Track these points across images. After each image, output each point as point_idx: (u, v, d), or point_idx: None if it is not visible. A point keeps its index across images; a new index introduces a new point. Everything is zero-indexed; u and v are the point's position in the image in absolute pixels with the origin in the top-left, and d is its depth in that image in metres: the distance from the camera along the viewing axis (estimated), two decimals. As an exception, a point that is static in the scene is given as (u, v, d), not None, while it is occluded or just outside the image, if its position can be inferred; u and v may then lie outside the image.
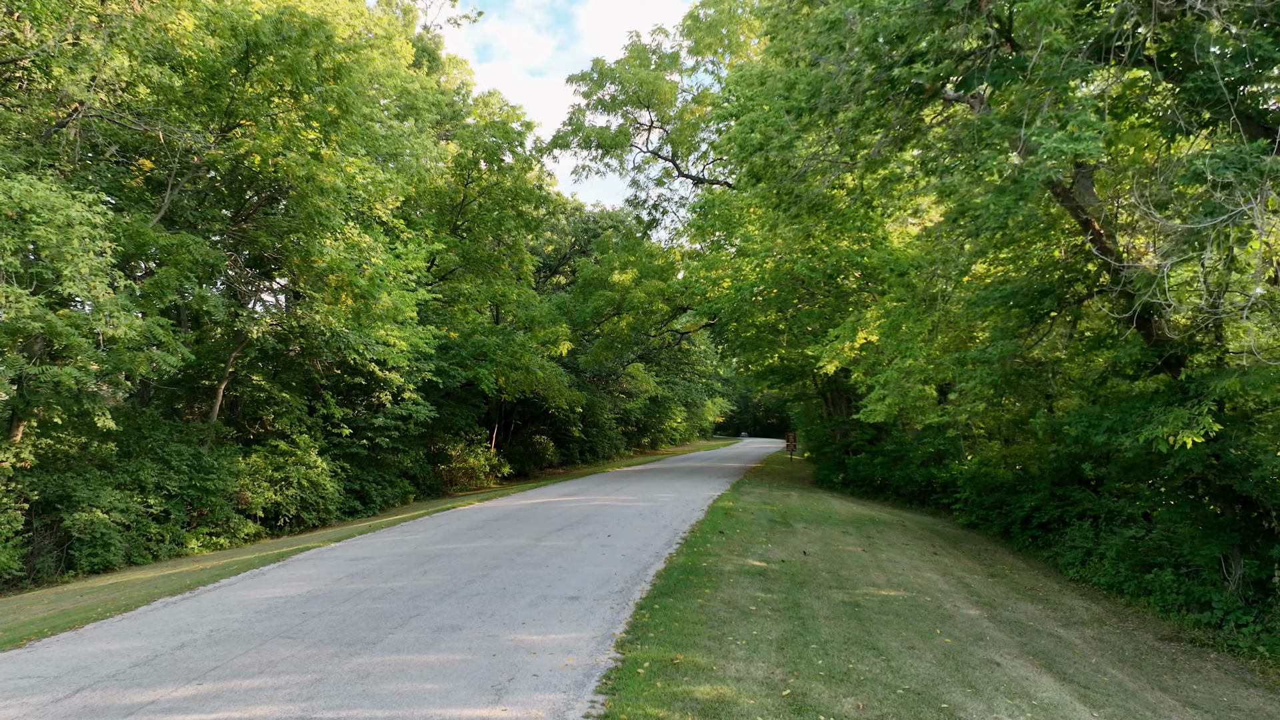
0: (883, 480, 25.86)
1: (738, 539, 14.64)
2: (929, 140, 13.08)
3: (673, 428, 74.61)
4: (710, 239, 26.85)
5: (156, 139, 16.16)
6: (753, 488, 25.57)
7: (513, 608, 9.26)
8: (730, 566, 12.02)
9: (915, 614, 10.42)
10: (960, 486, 21.76)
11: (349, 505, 25.80)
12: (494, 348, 30.72)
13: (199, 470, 19.79)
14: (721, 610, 9.49)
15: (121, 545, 17.07)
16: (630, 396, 56.49)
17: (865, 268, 22.00)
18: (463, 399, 35.45)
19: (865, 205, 15.34)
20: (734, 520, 16.95)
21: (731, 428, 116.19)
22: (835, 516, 19.28)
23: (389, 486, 28.22)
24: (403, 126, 23.27)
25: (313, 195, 15.99)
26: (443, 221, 31.83)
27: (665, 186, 36.25)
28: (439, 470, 34.70)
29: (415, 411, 27.39)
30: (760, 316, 26.49)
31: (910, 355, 14.75)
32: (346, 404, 27.22)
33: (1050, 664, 9.16)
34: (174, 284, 14.87)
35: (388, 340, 21.02)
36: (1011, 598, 12.69)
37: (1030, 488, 18.06)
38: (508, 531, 15.03)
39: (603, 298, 33.18)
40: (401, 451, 29.39)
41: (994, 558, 16.60)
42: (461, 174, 32.06)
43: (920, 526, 19.77)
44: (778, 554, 13.49)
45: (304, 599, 9.85)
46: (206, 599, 10.20)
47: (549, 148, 34.51)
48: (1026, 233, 11.19)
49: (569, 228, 48.49)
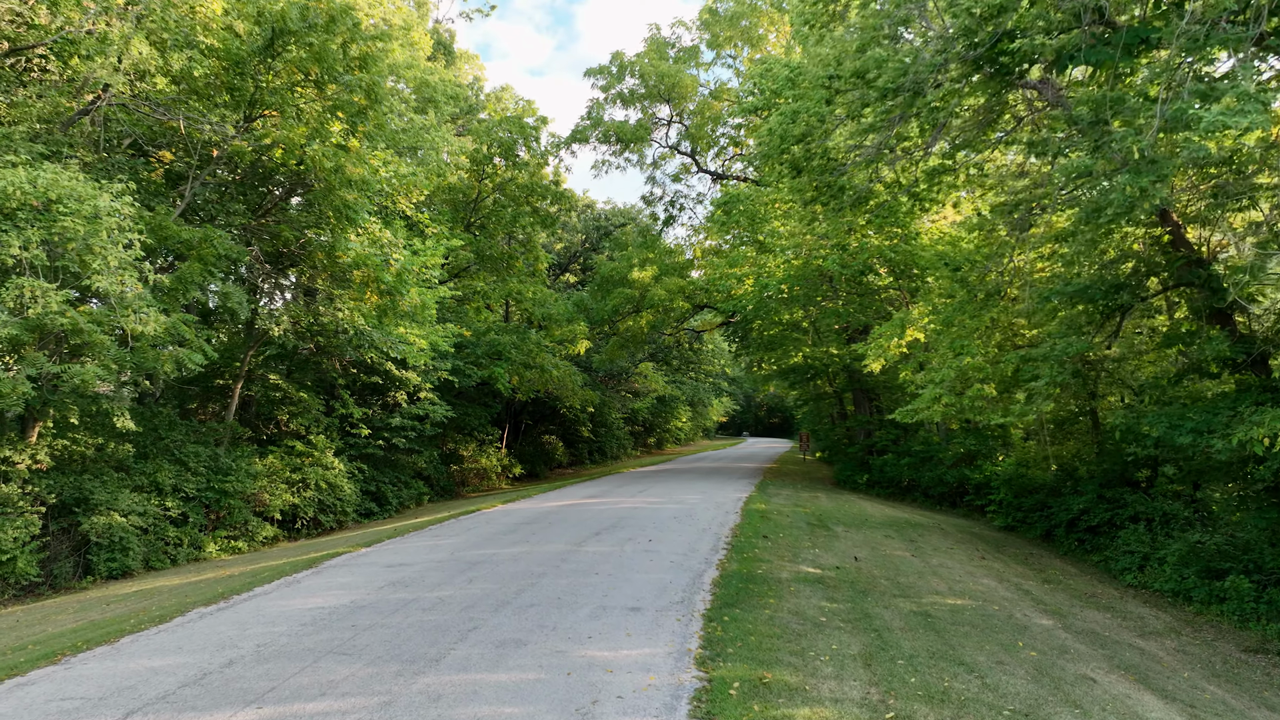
0: (910, 481, 25.34)
1: (783, 543, 14.13)
2: (1038, 120, 12.44)
3: (678, 427, 74.11)
4: (734, 235, 26.32)
5: (176, 130, 15.63)
6: (777, 489, 25.05)
7: (573, 620, 8.74)
8: (786, 574, 11.50)
9: (989, 624, 9.91)
10: (995, 488, 21.25)
11: (365, 507, 25.28)
12: (509, 346, 30.20)
13: (216, 472, 19.27)
14: (792, 622, 8.97)
15: (140, 550, 16.55)
16: (637, 396, 56.00)
17: (897, 264, 21.48)
18: (476, 399, 34.94)
19: (912, 198, 14.82)
20: (772, 524, 16.44)
21: (733, 427, 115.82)
22: (871, 519, 18.78)
23: (404, 488, 27.70)
24: (422, 120, 22.73)
25: (340, 188, 15.45)
26: (456, 218, 31.30)
27: (682, 182, 35.59)
28: (451, 471, 34.18)
29: (432, 411, 26.89)
30: (785, 314, 25.95)
31: (968, 352, 14.22)
32: (362, 404, 26.70)
33: (1145, 679, 8.65)
34: (198, 279, 14.34)
35: (407, 339, 20.48)
36: (1076, 605, 12.18)
37: (1076, 490, 17.55)
38: (543, 536, 14.51)
39: (622, 295, 32.62)
40: (416, 452, 28.89)
41: (1041, 562, 16.09)
42: (476, 170, 31.52)
43: (958, 530, 19.26)
44: (829, 560, 12.97)
45: (349, 610, 9.32)
46: (244, 609, 9.67)
47: (568, 142, 33.97)
48: (1119, 223, 10.67)
49: (580, 225, 47.95)
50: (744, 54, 33.15)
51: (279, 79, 15.25)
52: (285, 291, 21.19)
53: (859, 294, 25.95)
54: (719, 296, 26.61)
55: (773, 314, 25.11)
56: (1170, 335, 12.54)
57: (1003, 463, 21.94)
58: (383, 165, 17.88)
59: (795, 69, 22.21)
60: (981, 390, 13.93)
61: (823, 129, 15.28)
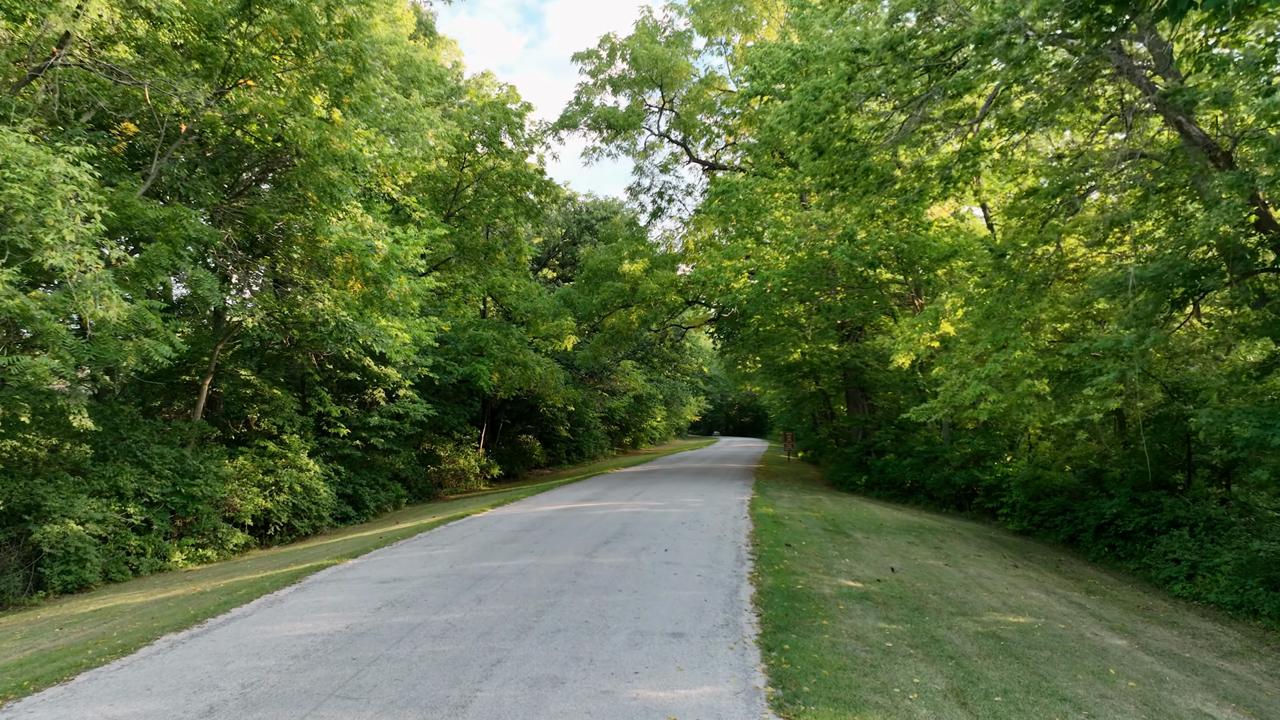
0: (913, 483, 24.41)
1: (809, 552, 13.04)
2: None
3: (653, 427, 72.99)
4: (732, 226, 25.20)
5: (141, 100, 14.20)
6: (776, 491, 24.01)
7: (610, 649, 7.56)
8: (828, 589, 10.40)
9: (1064, 646, 8.88)
10: (1007, 490, 20.37)
11: (341, 511, 23.86)
12: (491, 342, 28.88)
13: (183, 475, 17.81)
14: (859, 649, 7.86)
15: (98, 561, 15.09)
16: (614, 395, 54.83)
17: (908, 256, 20.51)
18: (454, 397, 33.57)
19: (944, 180, 13.80)
20: (788, 530, 15.36)
21: (704, 427, 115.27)
22: (885, 524, 17.78)
23: (382, 490, 26.28)
24: (406, 99, 21.35)
25: (324, 164, 14.10)
26: (437, 208, 29.90)
27: (671, 173, 34.42)
28: (428, 472, 32.77)
29: (412, 410, 25.53)
30: (785, 309, 24.88)
31: (1016, 345, 13.22)
32: (339, 402, 25.26)
33: (1261, 713, 7.66)
34: (165, 263, 12.92)
35: (389, 332, 19.12)
36: (1137, 621, 11.22)
37: (1106, 492, 16.68)
38: (548, 545, 13.29)
39: (611, 289, 31.34)
40: (394, 453, 27.48)
41: (1074, 570, 15.18)
42: (457, 158, 30.17)
43: (974, 534, 18.33)
44: (864, 571, 11.91)
45: (345, 638, 8.06)
46: (221, 636, 8.37)
47: (556, 128, 32.62)
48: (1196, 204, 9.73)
49: (560, 219, 46.63)
50: (735, 41, 32.08)
51: (256, 46, 13.86)
52: (259, 281, 19.69)
53: (860, 289, 24.97)
54: (715, 290, 25.52)
55: (772, 309, 24.05)
56: (1262, 325, 11.52)
57: (1013, 464, 21.06)
58: (367, 144, 16.55)
59: (799, 52, 21.13)
60: (1032, 386, 12.95)
61: (846, 105, 14.22)
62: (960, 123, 12.84)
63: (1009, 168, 14.98)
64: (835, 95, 14.13)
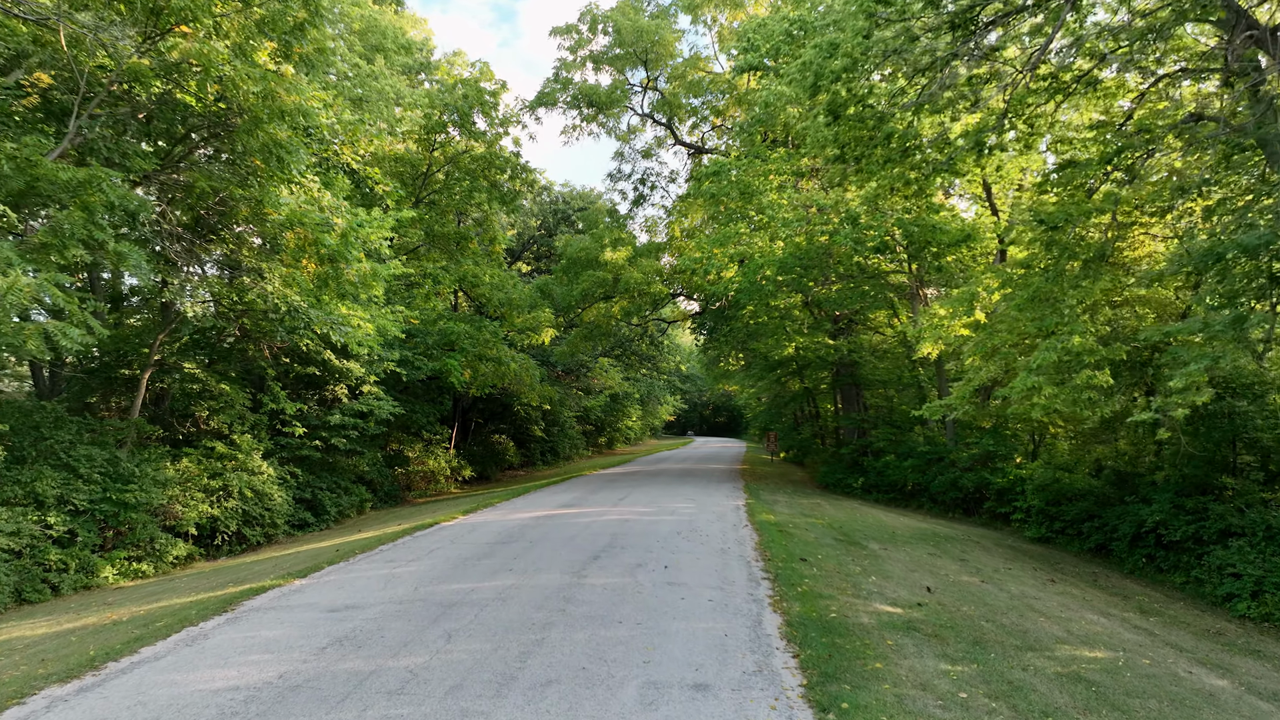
0: (914, 486, 22.88)
1: (829, 569, 11.39)
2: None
3: (629, 426, 71.23)
4: (722, 211, 23.49)
5: (56, 47, 12.27)
6: (770, 494, 22.40)
7: (620, 709, 5.86)
8: (866, 617, 8.75)
9: (1164, 692, 7.31)
10: (1022, 494, 18.90)
11: (299, 518, 21.89)
12: (463, 336, 26.98)
13: (116, 479, 15.83)
14: (931, 705, 6.21)
15: (8, 579, 13.12)
16: (590, 393, 53.04)
17: (918, 240, 18.93)
18: (423, 394, 31.65)
19: (976, 149, 12.21)
20: (797, 541, 13.72)
21: (678, 427, 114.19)
22: (897, 533, 16.22)
23: (344, 495, 24.30)
24: (370, 66, 19.44)
25: (269, 120, 12.23)
26: (406, 193, 27.96)
27: (654, 159, 32.61)
28: (396, 474, 30.80)
29: (376, 408, 23.58)
30: (780, 300, 23.22)
31: (1074, 330, 11.64)
32: (296, 399, 23.29)
33: None
34: (81, 233, 10.98)
35: (350, 321, 17.24)
36: (1218, 651, 9.70)
37: (1142, 497, 15.21)
38: (529, 561, 11.53)
39: (592, 278, 29.46)
40: (358, 454, 25.50)
41: (1113, 584, 13.70)
42: (427, 139, 28.23)
43: (992, 543, 16.83)
44: (899, 592, 10.28)
45: (275, 695, 6.28)
46: (117, 693, 6.54)
47: (532, 106, 30.66)
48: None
49: (536, 209, 44.68)
50: (722, 19, 30.35)
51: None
52: (205, 264, 17.69)
53: (857, 279, 23.39)
54: (704, 280, 23.79)
55: (766, 299, 22.38)
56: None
57: (1027, 466, 19.57)
58: (324, 107, 14.68)
59: (796, 22, 19.54)
60: (1092, 378, 11.39)
61: (866, 62, 12.60)
62: (1006, 68, 11.27)
63: (1052, 130, 13.40)
64: (854, 50, 12.51)
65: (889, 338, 27.42)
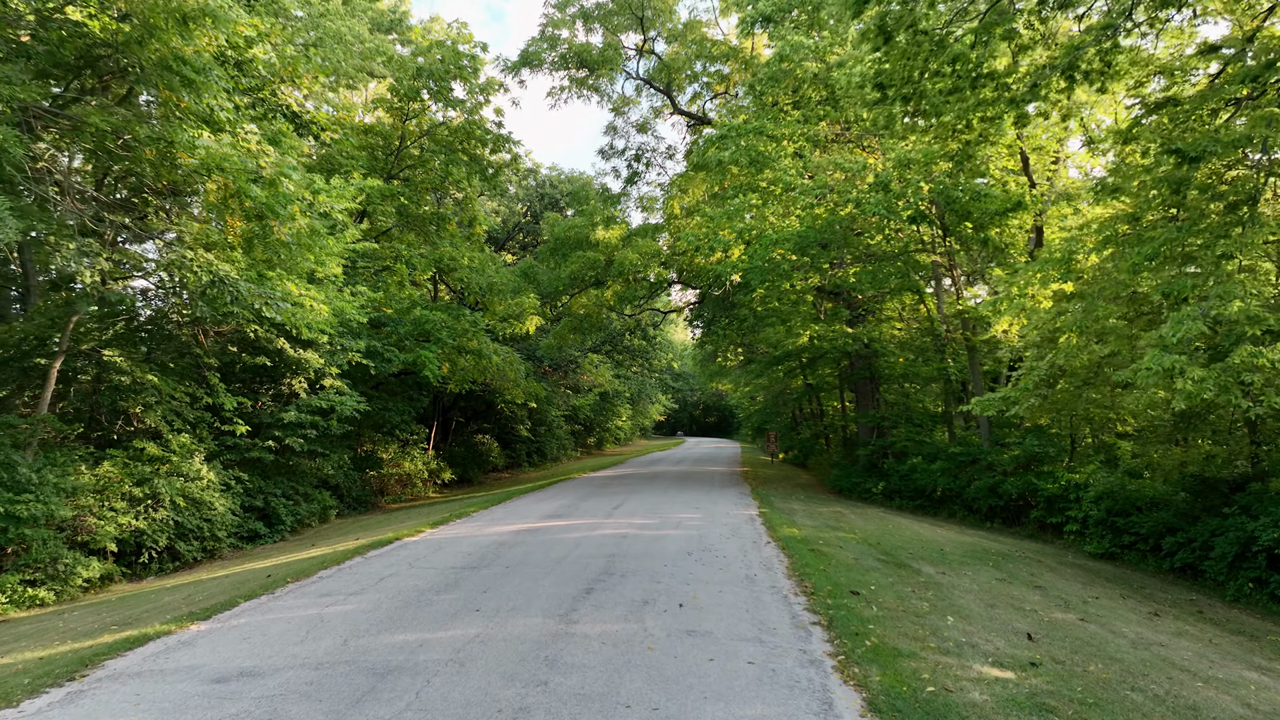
0: (945, 491, 20.31)
1: (889, 605, 8.83)
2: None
3: (619, 427, 68.59)
4: (730, 180, 20.84)
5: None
6: (782, 501, 19.86)
7: None
8: (974, 691, 6.16)
9: None
10: (1077, 502, 16.42)
11: (249, 528, 19.23)
12: (439, 326, 24.30)
13: (10, 488, 13.16)
14: None
15: None
16: (579, 392, 50.39)
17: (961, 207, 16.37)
18: (398, 391, 28.94)
19: (1066, 74, 9.70)
20: (834, 563, 11.16)
21: (668, 427, 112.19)
22: (946, 550, 13.69)
23: (303, 501, 21.61)
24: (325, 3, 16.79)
25: (169, 29, 9.58)
26: (374, 169, 25.27)
27: (650, 133, 29.76)
28: (367, 478, 28.11)
29: (339, 403, 20.89)
30: (797, 280, 20.60)
31: (1229, 294, 9.11)
32: (249, 394, 20.60)
33: None
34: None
35: (300, 300, 14.57)
36: None
37: (1242, 508, 12.72)
38: (503, 596, 8.93)
39: (582, 260, 26.68)
40: (321, 455, 22.79)
41: (1223, 617, 11.20)
42: (399, 108, 25.55)
43: (1055, 560, 14.34)
44: (991, 642, 7.71)
45: None
46: None
47: (516, 66, 27.87)
48: None
49: (521, 194, 41.93)
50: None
51: None
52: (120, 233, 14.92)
53: (881, 258, 20.81)
54: (706, 261, 21.14)
55: (781, 279, 19.70)
56: None
57: (1083, 469, 17.06)
58: (259, 37, 12.03)
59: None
60: (1258, 356, 8.84)
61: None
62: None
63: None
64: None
65: (911, 326, 24.94)
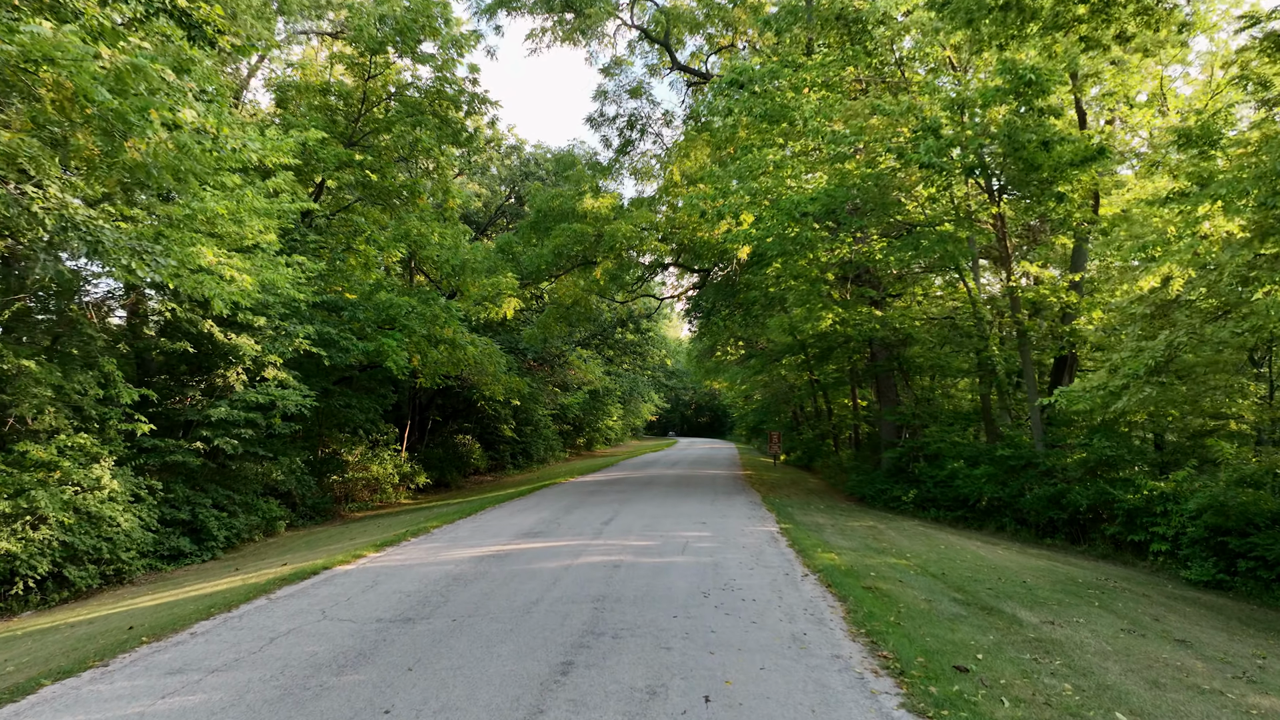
0: (992, 501, 17.34)
1: (1018, 692, 5.83)
2: None
3: (609, 427, 65.48)
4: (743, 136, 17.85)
5: None
6: (801, 512, 16.89)
7: None
8: None
9: None
10: (1166, 517, 13.51)
11: (171, 546, 16.15)
12: (407, 311, 21.24)
13: None
14: None
15: None
16: (566, 390, 47.29)
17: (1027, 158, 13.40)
18: (365, 386, 25.78)
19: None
20: (904, 610, 8.17)
21: (659, 428, 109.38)
22: (1027, 582, 10.73)
23: (242, 512, 18.48)
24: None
25: None
26: (332, 134, 22.20)
27: (644, 98, 26.57)
28: (329, 483, 25.00)
29: (282, 398, 17.79)
30: (822, 251, 17.52)
31: None
32: (172, 386, 17.52)
33: None
34: None
35: (209, 266, 11.50)
36: None
37: None
38: (434, 680, 5.90)
39: (567, 233, 23.42)
40: (268, 459, 19.67)
41: None
42: (360, 66, 22.51)
43: (1153, 589, 11.41)
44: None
45: None
46: None
47: (491, 9, 24.78)
48: None
49: (503, 173, 38.83)
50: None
51: None
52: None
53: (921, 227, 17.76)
54: (711, 232, 18.11)
55: (805, 249, 16.56)
56: None
57: (1174, 475, 14.12)
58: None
59: None
60: None
61: None
62: None
63: None
64: None
65: (948, 306, 21.97)
